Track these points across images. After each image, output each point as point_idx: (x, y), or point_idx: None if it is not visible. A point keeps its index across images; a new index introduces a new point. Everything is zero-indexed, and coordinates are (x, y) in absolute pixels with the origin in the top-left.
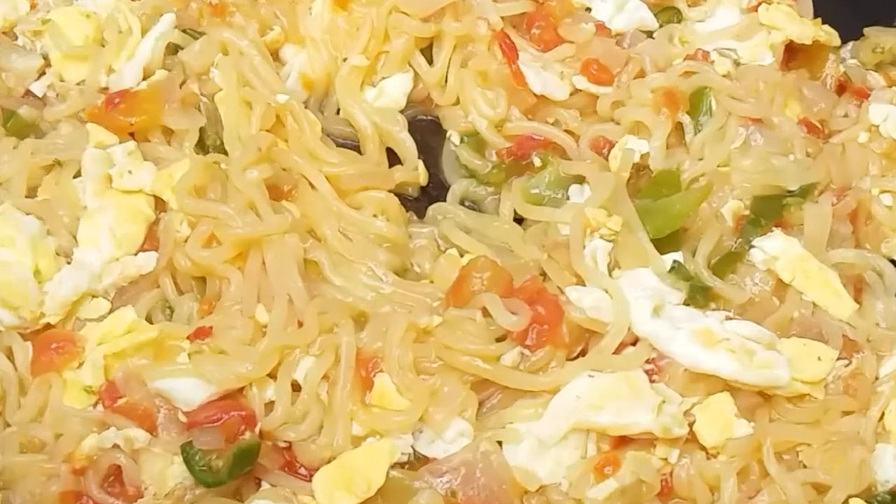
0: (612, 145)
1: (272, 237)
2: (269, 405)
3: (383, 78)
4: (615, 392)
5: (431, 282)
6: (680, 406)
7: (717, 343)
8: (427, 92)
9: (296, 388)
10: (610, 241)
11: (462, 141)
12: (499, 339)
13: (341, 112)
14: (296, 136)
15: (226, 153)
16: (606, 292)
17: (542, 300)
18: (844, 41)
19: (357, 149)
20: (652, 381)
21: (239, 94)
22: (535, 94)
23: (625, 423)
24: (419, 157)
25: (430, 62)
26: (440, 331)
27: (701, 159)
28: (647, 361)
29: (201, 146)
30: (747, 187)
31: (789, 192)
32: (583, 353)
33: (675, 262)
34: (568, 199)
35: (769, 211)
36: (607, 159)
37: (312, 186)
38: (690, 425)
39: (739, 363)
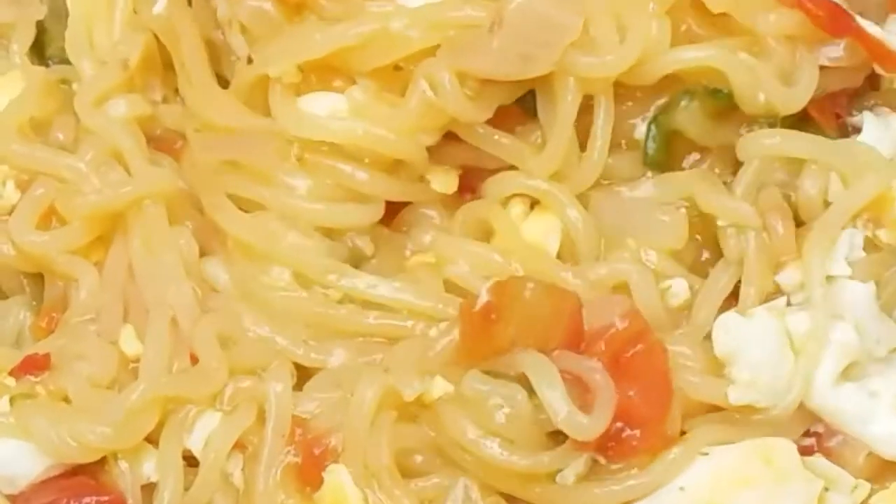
0: None
1: (143, 207)
2: (150, 488)
3: None
4: (745, 476)
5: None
6: (854, 494)
7: None
8: None
9: (192, 461)
10: (882, 248)
11: None
12: (553, 433)
13: None
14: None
15: None
16: (787, 335)
17: (642, 363)
18: None
19: None
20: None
21: None
22: None
23: None
24: None
25: None
26: (448, 410)
27: None
28: (807, 434)
29: (39, 55)
30: None
31: None
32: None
33: None
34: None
35: None
36: None
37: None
38: None
39: None
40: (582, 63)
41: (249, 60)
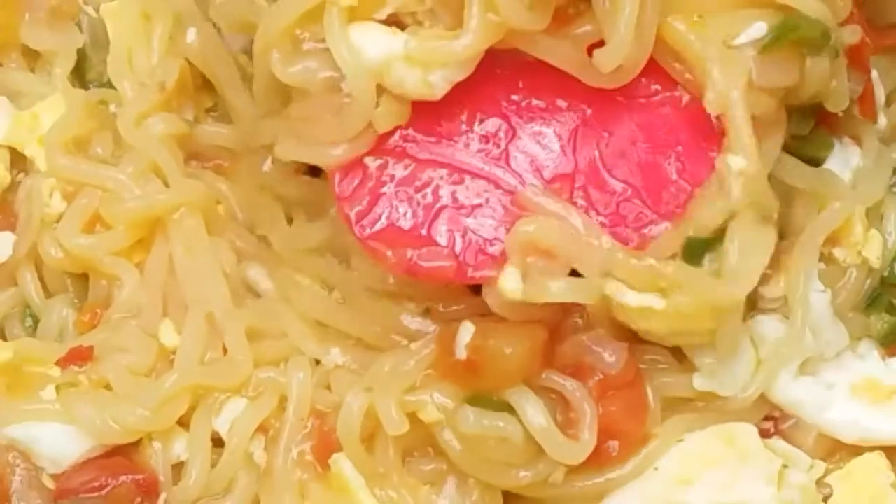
0: None
1: (181, 214)
2: (180, 466)
3: None
4: (711, 456)
5: None
6: (811, 472)
7: (889, 396)
8: None
9: (219, 442)
10: (835, 263)
11: None
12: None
13: None
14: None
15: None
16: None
17: (624, 392)
18: None
19: None
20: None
21: (141, 4)
22: None
23: (730, 503)
24: None
25: None
26: (445, 438)
27: None
28: (765, 418)
29: (80, 79)
30: None
31: None
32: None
33: None
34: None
35: None
36: None
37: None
38: (825, 500)
39: None
40: None
41: None
